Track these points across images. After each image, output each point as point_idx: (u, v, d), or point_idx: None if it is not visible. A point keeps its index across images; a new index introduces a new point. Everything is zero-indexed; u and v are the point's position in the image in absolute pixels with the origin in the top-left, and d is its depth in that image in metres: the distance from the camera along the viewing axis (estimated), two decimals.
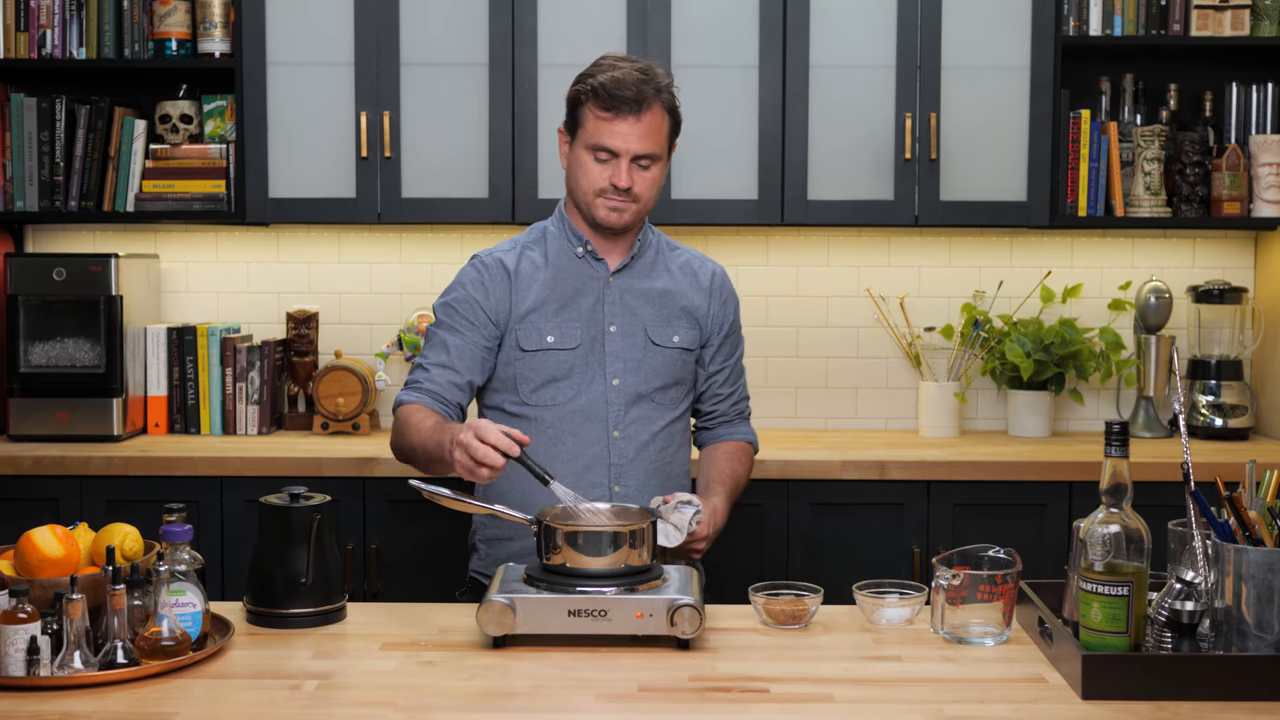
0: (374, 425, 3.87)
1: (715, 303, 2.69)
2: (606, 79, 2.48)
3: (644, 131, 2.49)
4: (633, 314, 2.60)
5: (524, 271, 2.59)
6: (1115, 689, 1.81)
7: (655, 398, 2.60)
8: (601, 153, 2.50)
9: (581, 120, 2.52)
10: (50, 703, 1.78)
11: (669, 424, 2.62)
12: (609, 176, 2.50)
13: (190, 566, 2.00)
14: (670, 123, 2.55)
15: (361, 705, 1.80)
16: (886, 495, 3.42)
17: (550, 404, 2.56)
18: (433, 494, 2.16)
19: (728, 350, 2.72)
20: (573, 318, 2.58)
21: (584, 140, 2.52)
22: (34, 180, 3.69)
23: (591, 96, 2.49)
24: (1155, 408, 3.86)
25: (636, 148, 2.49)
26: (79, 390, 3.59)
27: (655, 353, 2.60)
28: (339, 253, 3.96)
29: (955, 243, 3.96)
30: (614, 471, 2.56)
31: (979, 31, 3.63)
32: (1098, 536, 1.89)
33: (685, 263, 2.70)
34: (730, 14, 3.62)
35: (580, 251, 2.60)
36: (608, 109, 2.47)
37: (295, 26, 3.63)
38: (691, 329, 2.65)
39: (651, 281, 2.63)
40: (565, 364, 2.56)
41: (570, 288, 2.59)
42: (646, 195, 2.55)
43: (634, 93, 2.46)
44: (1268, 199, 3.67)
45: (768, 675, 1.92)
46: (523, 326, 2.56)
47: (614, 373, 2.57)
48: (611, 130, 2.48)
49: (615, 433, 2.56)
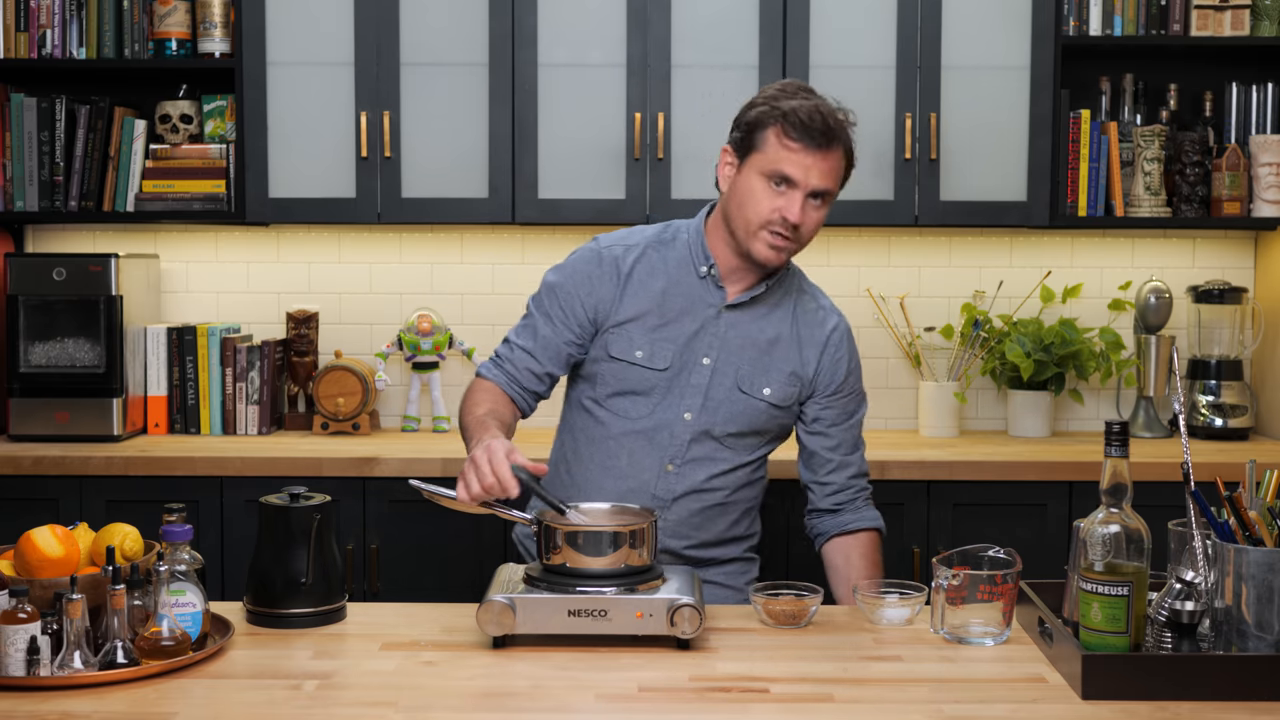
0: (374, 425, 3.87)
1: (827, 360, 2.51)
2: (801, 106, 2.35)
3: (828, 169, 2.35)
4: (732, 353, 2.45)
5: (638, 276, 2.47)
6: (1115, 689, 1.81)
7: (727, 442, 2.47)
8: (780, 182, 2.35)
9: (760, 144, 2.36)
10: (50, 703, 1.78)
11: (732, 470, 2.49)
12: (781, 208, 2.35)
13: (190, 566, 2.00)
14: (845, 169, 2.41)
15: (361, 705, 1.80)
16: (886, 495, 3.39)
17: (621, 414, 2.47)
18: (433, 494, 2.16)
19: (836, 412, 2.52)
20: (669, 339, 2.45)
21: (760, 165, 2.36)
22: (34, 180, 3.69)
23: (781, 120, 2.34)
24: (1155, 408, 3.86)
25: (817, 182, 2.35)
26: (79, 390, 3.59)
27: (739, 399, 2.46)
28: (339, 253, 3.96)
29: (955, 243, 3.97)
30: (656, 503, 2.45)
31: (979, 31, 3.63)
32: (1098, 536, 1.89)
33: (810, 310, 2.52)
34: (730, 14, 3.62)
35: (703, 271, 2.46)
36: (798, 138, 2.33)
37: (295, 26, 3.63)
38: (790, 385, 2.48)
39: (764, 325, 2.48)
40: (648, 381, 2.45)
41: (678, 307, 2.46)
42: (809, 236, 2.41)
43: (824, 127, 2.34)
44: (1268, 199, 3.67)
45: (768, 675, 1.92)
46: (617, 333, 2.46)
47: (689, 406, 2.45)
48: (798, 161, 2.33)
49: (670, 467, 2.46)
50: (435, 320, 3.90)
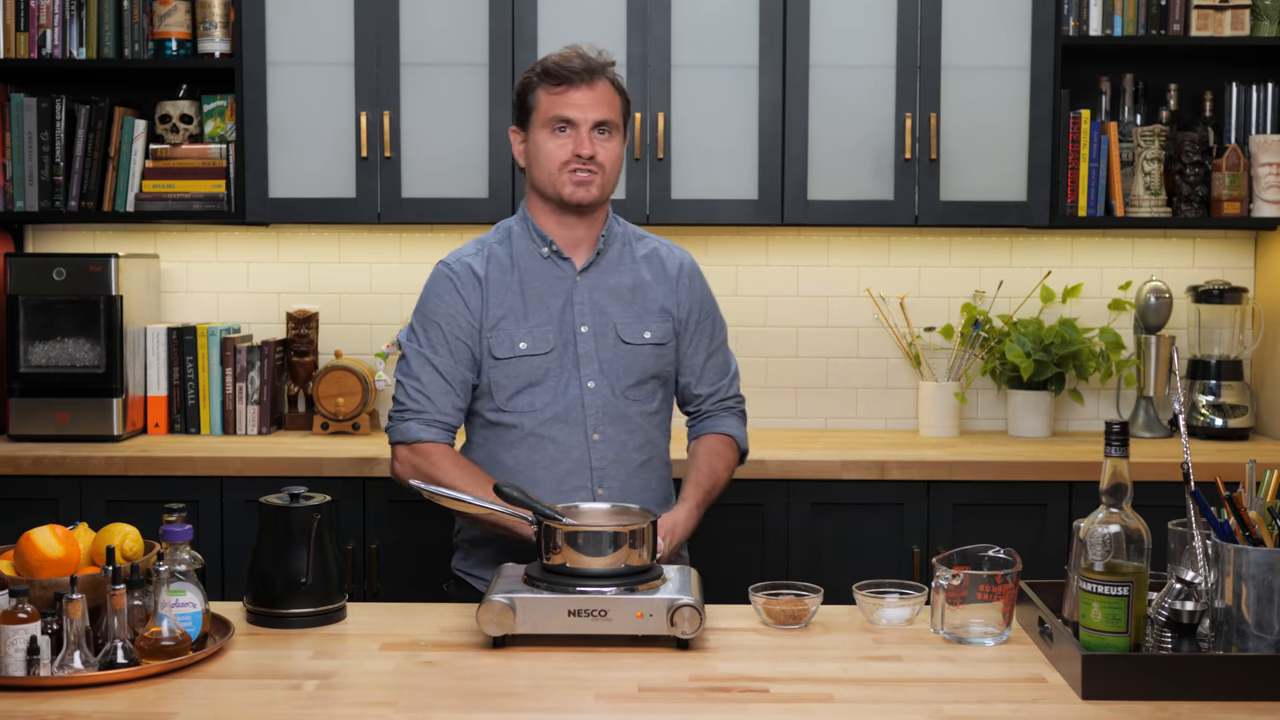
0: (374, 425, 3.87)
1: (683, 292, 2.63)
2: (553, 60, 2.51)
3: (598, 99, 2.49)
4: (602, 313, 2.55)
5: (493, 276, 2.55)
6: (1115, 689, 1.81)
7: (630, 395, 2.55)
8: (560, 125, 2.49)
9: (534, 105, 2.52)
10: (50, 703, 1.78)
11: (645, 420, 2.58)
12: (571, 148, 2.48)
13: (190, 566, 2.00)
14: (622, 102, 2.55)
15: (361, 705, 1.80)
16: (886, 495, 3.42)
17: (528, 410, 2.52)
18: (433, 494, 2.17)
19: (701, 340, 2.65)
20: (543, 321, 2.53)
21: (539, 121, 2.51)
22: (34, 180, 3.69)
23: (542, 78, 2.51)
24: (1155, 408, 3.86)
25: (593, 115, 2.48)
26: (79, 390, 3.59)
27: (627, 351, 2.54)
28: (339, 253, 3.96)
29: (955, 243, 3.96)
30: (596, 475, 2.52)
31: (979, 31, 3.63)
32: (1098, 536, 1.89)
33: (652, 252, 2.64)
34: (730, 14, 3.62)
35: (545, 252, 2.55)
36: (559, 83, 2.49)
37: (295, 26, 3.63)
38: (663, 322, 2.59)
39: (619, 277, 2.58)
40: (540, 369, 2.52)
41: (538, 290, 2.54)
42: (610, 166, 2.52)
43: (583, 65, 2.49)
44: (1268, 199, 3.67)
45: (768, 675, 1.92)
46: (495, 334, 2.51)
47: (589, 375, 2.52)
48: (566, 100, 2.48)
49: (595, 435, 2.52)
50: None
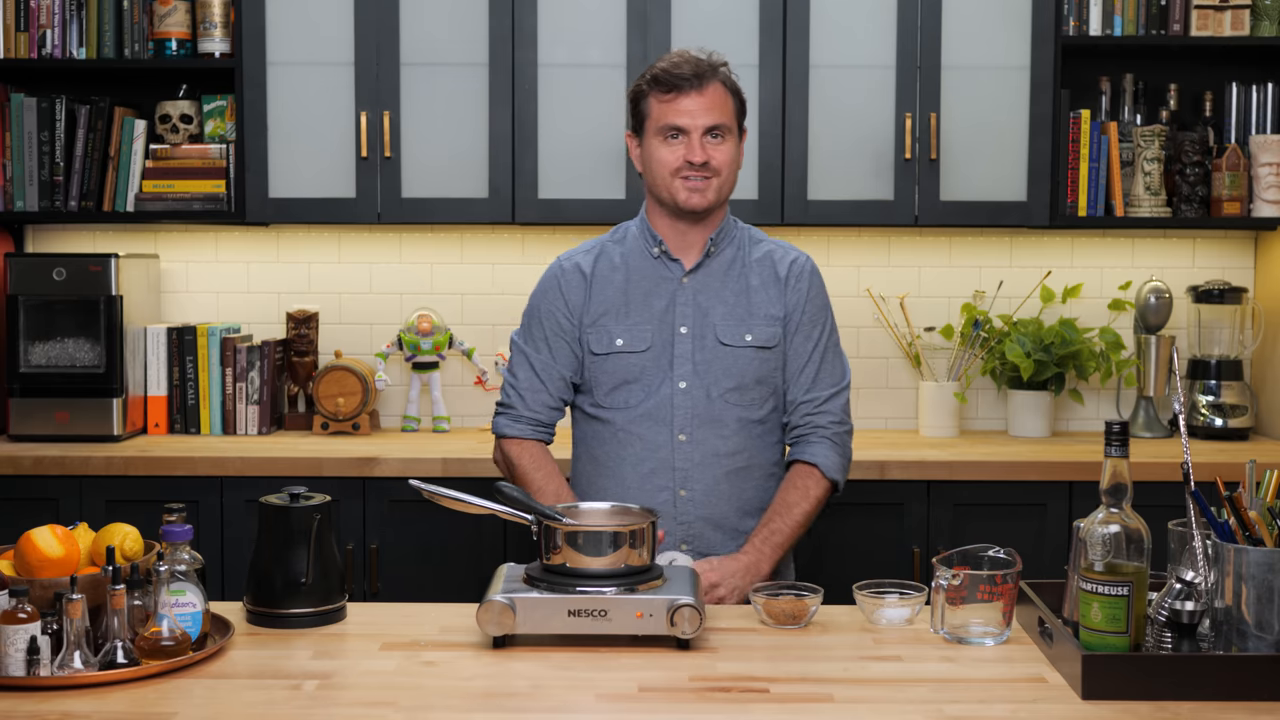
0: (374, 425, 3.87)
1: (791, 292, 2.58)
2: (662, 66, 2.52)
3: (708, 104, 2.49)
4: (704, 315, 2.55)
5: (600, 274, 2.59)
6: (1115, 689, 1.81)
7: (730, 398, 2.53)
8: (671, 133, 2.50)
9: (647, 112, 2.54)
10: (50, 703, 1.78)
11: (746, 426, 2.55)
12: (683, 155, 2.50)
13: (190, 566, 2.00)
14: (735, 102, 2.55)
15: (361, 705, 1.80)
16: (886, 495, 3.42)
17: (622, 407, 2.55)
18: (433, 494, 2.16)
19: (803, 342, 2.58)
20: (643, 320, 2.55)
21: (652, 129, 2.53)
22: (34, 180, 3.69)
23: (652, 85, 2.52)
24: (1155, 408, 3.86)
25: (704, 120, 2.49)
26: (79, 390, 3.59)
27: (725, 353, 2.53)
28: (339, 253, 3.96)
29: (955, 243, 3.96)
30: (679, 476, 2.52)
31: (979, 31, 3.63)
32: (1098, 536, 1.89)
33: (767, 255, 2.61)
34: (730, 14, 3.62)
35: (655, 252, 2.58)
36: (669, 90, 2.49)
37: (295, 26, 3.63)
38: (769, 326, 2.55)
39: (727, 280, 2.57)
40: (636, 367, 2.54)
41: (643, 290, 2.57)
42: (725, 170, 2.52)
43: (692, 69, 2.49)
44: (1268, 199, 3.67)
45: (768, 675, 1.92)
46: (594, 330, 2.56)
47: (681, 375, 2.53)
48: (677, 109, 2.49)
49: (681, 436, 2.52)
50: (435, 320, 3.90)
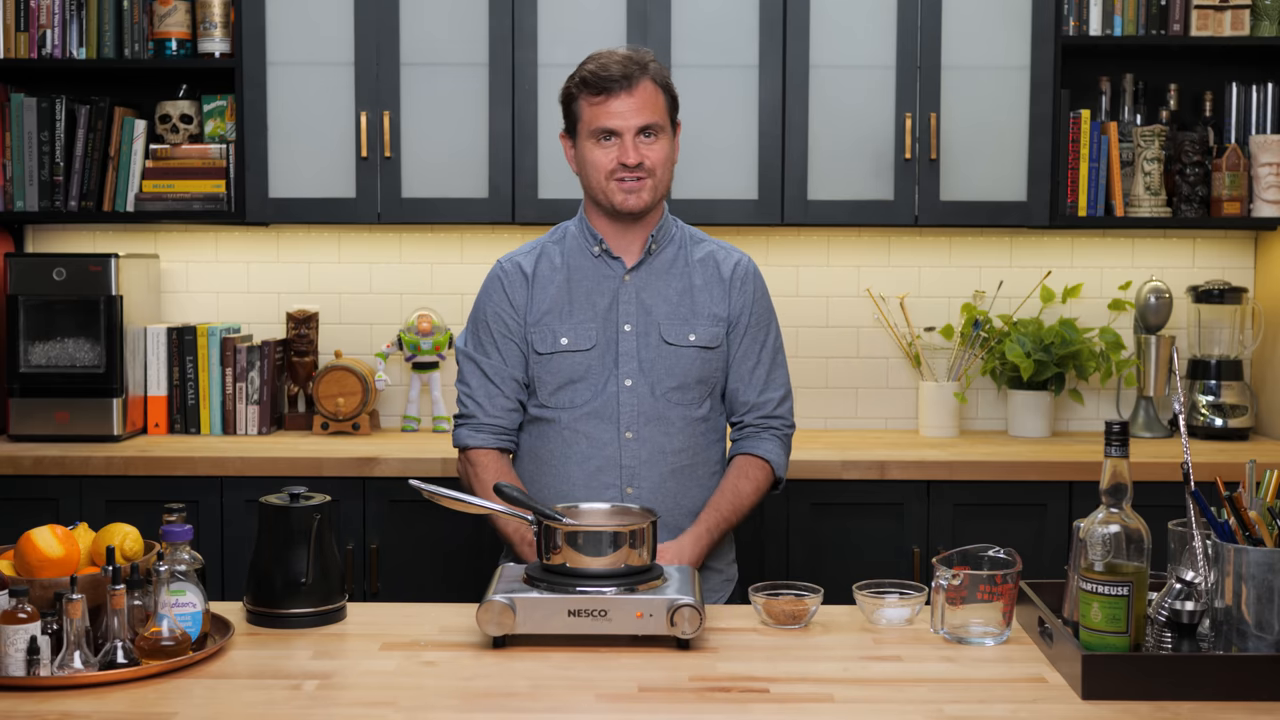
0: (374, 425, 3.87)
1: (735, 294, 2.61)
2: (590, 68, 2.51)
3: (639, 105, 2.49)
4: (647, 313, 2.56)
5: (541, 274, 2.59)
6: (1115, 689, 1.81)
7: (673, 397, 2.54)
8: (603, 135, 2.49)
9: (578, 114, 2.53)
10: (50, 703, 1.78)
11: (690, 425, 2.56)
12: (616, 157, 2.49)
13: (190, 566, 2.00)
14: (666, 98, 2.54)
15: (361, 705, 1.80)
16: (886, 495, 3.42)
17: (568, 406, 2.54)
18: (433, 494, 2.16)
19: (750, 345, 2.61)
20: (587, 319, 2.55)
21: (584, 132, 2.52)
22: (34, 180, 3.69)
23: (582, 88, 2.51)
24: (1155, 408, 3.86)
25: (635, 121, 2.48)
26: (79, 390, 3.59)
27: (669, 352, 2.54)
28: (339, 253, 3.96)
29: (955, 243, 3.96)
30: (626, 474, 2.53)
31: (979, 31, 3.63)
32: (1098, 536, 1.89)
33: (709, 255, 2.63)
34: (730, 14, 3.62)
35: (596, 251, 2.58)
36: (599, 92, 2.48)
37: (295, 26, 3.63)
38: (712, 326, 2.57)
39: (669, 278, 2.58)
40: (581, 365, 2.54)
41: (585, 288, 2.57)
42: (659, 170, 2.52)
43: (621, 70, 2.48)
44: (1268, 199, 3.67)
45: (768, 675, 1.92)
46: (537, 329, 2.55)
47: (626, 373, 2.54)
48: (607, 111, 2.48)
49: (628, 434, 2.53)
50: (435, 320, 3.90)
